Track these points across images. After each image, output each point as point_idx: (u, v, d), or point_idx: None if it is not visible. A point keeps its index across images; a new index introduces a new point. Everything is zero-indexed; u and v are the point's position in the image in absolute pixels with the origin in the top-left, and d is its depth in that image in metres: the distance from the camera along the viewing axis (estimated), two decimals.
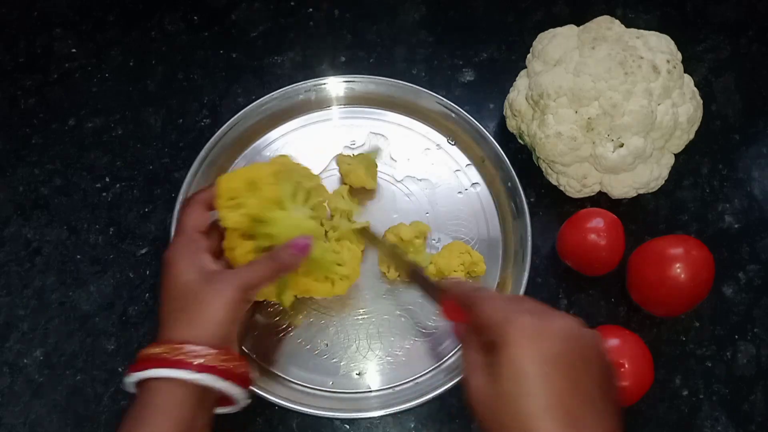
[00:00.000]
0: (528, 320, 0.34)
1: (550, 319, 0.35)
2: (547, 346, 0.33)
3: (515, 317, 0.35)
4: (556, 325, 0.34)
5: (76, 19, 0.72)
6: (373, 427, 0.54)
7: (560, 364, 0.33)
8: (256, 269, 0.45)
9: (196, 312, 0.43)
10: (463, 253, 0.56)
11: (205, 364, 0.41)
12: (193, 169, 0.60)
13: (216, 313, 0.43)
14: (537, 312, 0.35)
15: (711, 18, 0.74)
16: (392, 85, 0.65)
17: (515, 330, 0.34)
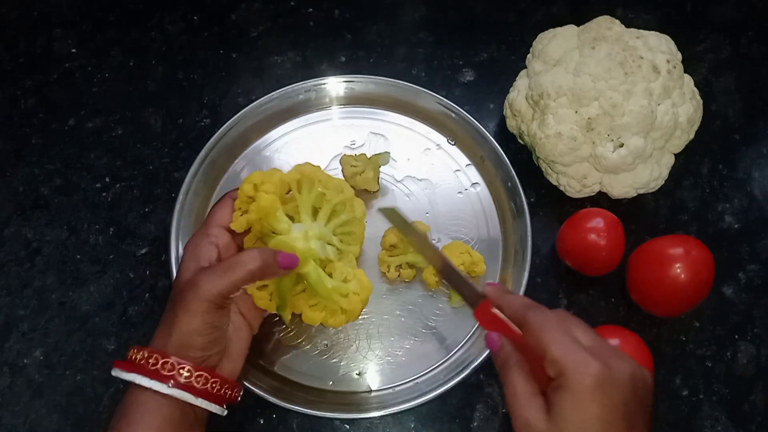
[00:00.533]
0: (597, 368, 0.34)
1: (616, 366, 0.35)
2: (613, 396, 0.34)
3: (584, 362, 0.34)
4: (622, 374, 0.35)
5: (76, 19, 0.72)
6: (373, 427, 0.54)
7: (622, 413, 0.34)
8: (229, 274, 0.43)
9: (175, 318, 0.42)
10: (463, 253, 0.56)
11: (181, 382, 0.41)
12: (193, 169, 0.60)
13: (189, 322, 0.42)
14: (603, 357, 0.35)
15: (711, 18, 0.74)
16: (392, 85, 0.65)
17: (584, 376, 0.34)
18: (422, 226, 0.57)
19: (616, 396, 0.34)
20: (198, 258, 0.45)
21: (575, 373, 0.34)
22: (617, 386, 0.34)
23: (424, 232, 0.51)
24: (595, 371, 0.34)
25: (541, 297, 0.59)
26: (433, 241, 0.60)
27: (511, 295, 0.42)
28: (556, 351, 0.36)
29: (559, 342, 0.36)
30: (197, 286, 0.42)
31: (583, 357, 0.35)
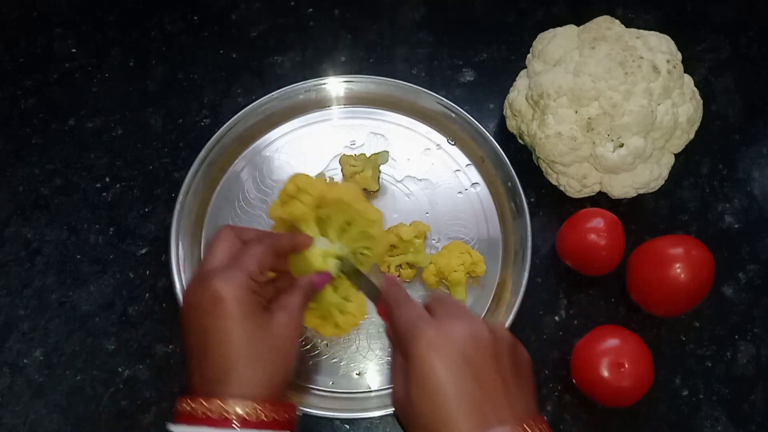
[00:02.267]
0: (431, 332, 0.37)
1: (451, 327, 0.38)
2: (449, 353, 0.36)
3: (419, 331, 0.37)
4: (456, 333, 0.37)
5: (76, 19, 0.72)
6: (373, 427, 0.54)
7: (463, 366, 0.36)
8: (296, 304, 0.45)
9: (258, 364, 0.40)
10: (463, 253, 0.56)
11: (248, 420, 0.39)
12: (193, 169, 0.60)
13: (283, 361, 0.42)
14: (441, 321, 0.38)
15: (711, 18, 0.74)
16: (392, 85, 0.65)
17: (419, 342, 0.37)
18: (422, 226, 0.57)
19: (452, 353, 0.36)
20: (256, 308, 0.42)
21: (412, 342, 0.37)
22: (451, 344, 0.37)
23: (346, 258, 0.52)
24: (426, 334, 0.37)
25: (541, 297, 0.59)
26: (433, 240, 0.60)
27: (393, 287, 0.44)
28: (402, 326, 0.39)
29: (405, 319, 0.39)
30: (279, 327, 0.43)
31: (419, 326, 0.38)
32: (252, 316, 0.41)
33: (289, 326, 0.43)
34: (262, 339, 0.41)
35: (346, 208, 0.50)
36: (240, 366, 0.40)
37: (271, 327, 0.42)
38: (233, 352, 0.40)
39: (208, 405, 0.39)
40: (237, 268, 0.42)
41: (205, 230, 0.60)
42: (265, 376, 0.41)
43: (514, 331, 0.55)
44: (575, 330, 0.57)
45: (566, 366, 0.55)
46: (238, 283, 0.41)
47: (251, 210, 0.61)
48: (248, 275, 0.42)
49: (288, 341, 0.43)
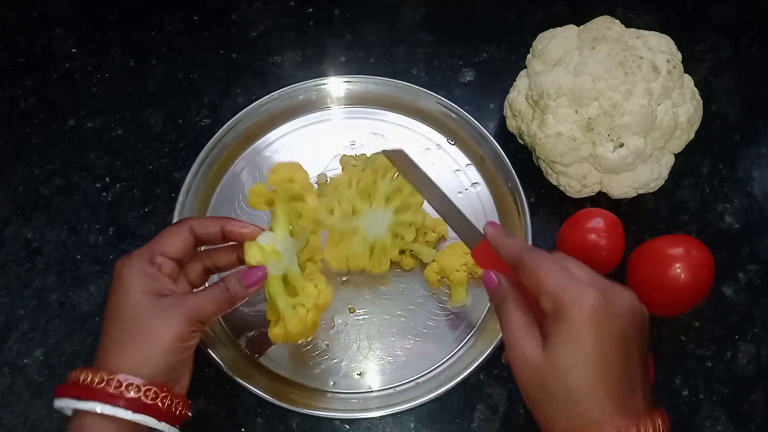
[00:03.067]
0: (593, 297, 0.34)
1: (613, 297, 0.35)
2: (611, 325, 0.34)
3: (580, 292, 0.35)
4: (620, 305, 0.35)
5: (76, 19, 0.72)
6: (373, 427, 0.54)
7: (620, 345, 0.34)
8: (208, 299, 0.44)
9: (139, 339, 0.41)
10: (466, 253, 0.56)
11: (129, 398, 0.39)
12: (193, 169, 0.60)
13: (162, 345, 0.41)
14: (600, 287, 0.35)
15: (711, 18, 0.74)
16: (392, 85, 0.65)
17: (580, 306, 0.34)
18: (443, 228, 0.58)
19: (614, 325, 0.34)
20: (155, 287, 0.43)
21: (571, 304, 0.34)
22: (614, 316, 0.34)
23: (426, 174, 0.50)
24: (591, 301, 0.34)
25: None
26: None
27: (510, 238, 0.42)
28: (551, 284, 0.36)
29: (554, 277, 0.36)
30: (175, 309, 0.42)
31: (579, 288, 0.35)
32: (141, 295, 0.42)
33: (175, 314, 0.42)
34: (145, 321, 0.41)
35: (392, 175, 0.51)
36: (119, 343, 0.41)
37: (158, 310, 0.42)
38: (113, 327, 0.42)
39: (92, 376, 0.40)
40: (142, 248, 0.45)
41: None
42: (143, 359, 0.41)
43: None
44: None
45: None
46: (134, 262, 0.43)
47: (251, 210, 0.61)
48: (147, 256, 0.44)
49: (168, 329, 0.41)
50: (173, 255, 0.45)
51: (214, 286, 0.45)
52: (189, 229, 0.46)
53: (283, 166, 0.47)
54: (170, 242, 0.45)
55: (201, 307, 0.43)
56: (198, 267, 0.49)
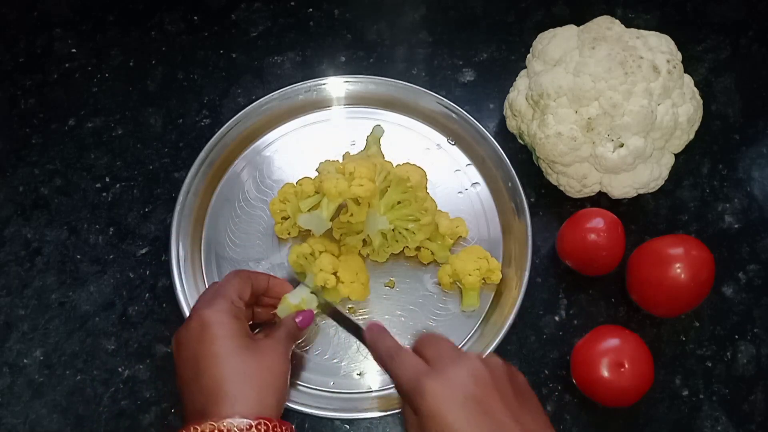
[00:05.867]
0: (436, 386, 0.38)
1: (452, 374, 0.38)
2: (457, 400, 0.37)
3: (424, 386, 0.38)
4: (458, 378, 0.38)
5: (76, 19, 0.72)
6: (373, 427, 0.54)
7: (473, 408, 0.37)
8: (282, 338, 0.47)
9: (261, 379, 0.42)
10: (481, 258, 0.55)
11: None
12: (193, 169, 0.60)
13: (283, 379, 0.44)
14: (440, 370, 0.39)
15: (711, 18, 0.74)
16: (392, 85, 0.65)
17: (427, 399, 0.37)
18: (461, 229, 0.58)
19: (457, 398, 0.37)
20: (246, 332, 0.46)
21: (418, 399, 0.38)
22: (453, 389, 0.37)
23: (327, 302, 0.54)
24: (429, 388, 0.37)
25: (541, 297, 0.59)
26: None
27: (381, 341, 0.44)
28: (405, 385, 0.39)
29: (404, 378, 0.40)
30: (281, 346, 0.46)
31: (421, 381, 0.38)
32: (238, 338, 0.44)
33: (275, 350, 0.45)
34: (251, 359, 0.43)
35: (406, 188, 0.53)
36: (230, 384, 0.41)
37: (259, 348, 0.44)
38: (223, 370, 0.42)
39: (201, 428, 0.39)
40: (219, 296, 0.46)
41: (205, 230, 0.60)
42: (257, 394, 0.41)
43: (514, 331, 0.55)
44: (575, 330, 0.57)
45: (566, 366, 0.55)
46: (221, 308, 0.45)
47: (251, 210, 0.61)
48: (230, 301, 0.46)
49: (276, 363, 0.44)
50: (246, 299, 0.48)
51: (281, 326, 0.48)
52: (248, 278, 0.49)
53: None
54: (242, 287, 0.48)
55: (288, 344, 0.47)
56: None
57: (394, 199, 0.53)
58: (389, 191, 0.54)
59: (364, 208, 0.53)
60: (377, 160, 0.56)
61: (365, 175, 0.51)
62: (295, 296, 0.52)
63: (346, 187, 0.51)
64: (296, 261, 0.55)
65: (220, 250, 0.59)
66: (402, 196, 0.53)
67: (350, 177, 0.51)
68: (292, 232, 0.58)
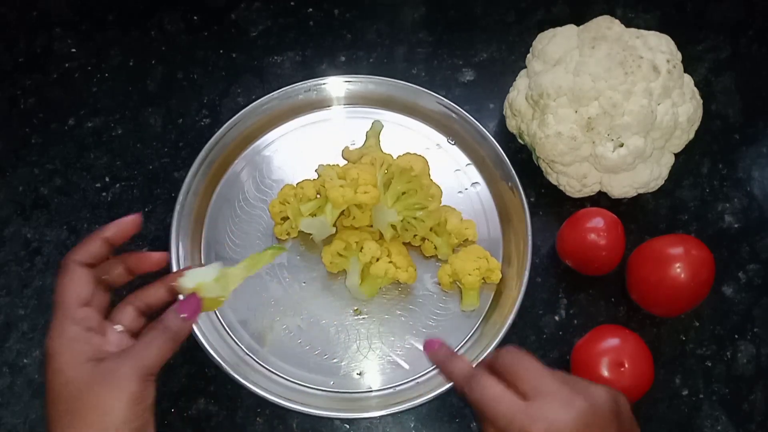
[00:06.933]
0: (540, 427, 0.34)
1: (561, 418, 0.34)
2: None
3: (529, 429, 0.34)
4: (568, 422, 0.34)
5: (76, 19, 0.72)
6: (373, 427, 0.54)
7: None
8: (150, 345, 0.38)
9: (91, 418, 0.36)
10: (481, 258, 0.55)
11: None
12: (193, 169, 0.60)
13: (118, 415, 0.36)
14: (547, 412, 0.35)
15: (711, 18, 0.74)
16: (392, 85, 0.65)
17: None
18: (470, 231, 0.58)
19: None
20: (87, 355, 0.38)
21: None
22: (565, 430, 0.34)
23: None
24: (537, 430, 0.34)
25: (541, 297, 0.59)
26: None
27: (453, 361, 0.41)
28: (500, 424, 0.35)
29: (500, 414, 0.35)
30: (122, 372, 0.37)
31: (525, 421, 0.34)
32: (75, 367, 0.37)
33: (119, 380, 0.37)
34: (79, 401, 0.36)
35: (410, 178, 0.53)
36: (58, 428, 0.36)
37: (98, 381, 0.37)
38: (53, 412, 0.37)
39: None
40: (56, 316, 0.39)
41: (205, 230, 0.60)
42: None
43: (514, 331, 0.55)
44: (575, 330, 0.57)
45: (566, 366, 0.55)
46: (57, 333, 0.38)
47: (251, 210, 0.61)
48: (68, 319, 0.38)
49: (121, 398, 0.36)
50: (88, 300, 0.40)
51: (151, 329, 0.39)
52: (84, 274, 0.40)
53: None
54: (79, 289, 0.40)
55: (146, 358, 0.38)
56: (129, 310, 0.43)
57: (399, 190, 0.54)
58: (393, 183, 0.54)
59: (368, 213, 0.54)
60: (376, 154, 0.57)
61: (369, 181, 0.52)
62: (191, 277, 0.42)
63: (352, 195, 0.51)
64: (334, 262, 0.56)
65: (220, 250, 0.59)
66: (406, 186, 0.53)
67: (354, 183, 0.52)
68: (291, 233, 0.58)
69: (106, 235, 0.42)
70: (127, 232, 0.43)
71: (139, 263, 0.44)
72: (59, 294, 0.39)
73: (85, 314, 0.39)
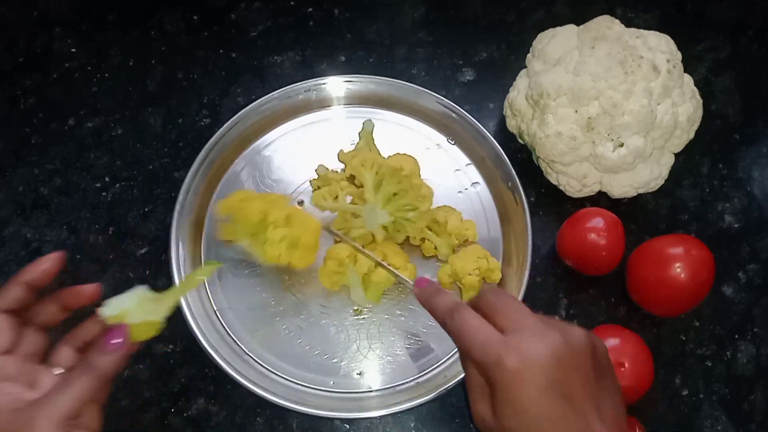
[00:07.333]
0: (513, 360, 0.34)
1: (532, 351, 0.35)
2: (537, 379, 0.34)
3: (500, 358, 0.35)
4: (539, 356, 0.35)
5: (76, 19, 0.72)
6: (373, 427, 0.54)
7: (553, 392, 0.34)
8: (71, 389, 0.35)
9: None
10: (480, 257, 0.55)
11: None
12: (193, 169, 0.60)
13: None
14: (519, 339, 0.36)
15: (711, 18, 0.74)
16: (392, 85, 0.65)
17: (504, 373, 0.34)
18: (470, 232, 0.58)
19: (540, 379, 0.34)
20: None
21: (495, 373, 0.35)
22: (537, 369, 0.34)
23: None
24: (511, 364, 0.34)
25: (541, 297, 0.59)
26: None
27: (438, 296, 0.42)
28: (475, 355, 0.36)
29: (476, 346, 0.36)
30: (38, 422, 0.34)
31: (499, 352, 0.35)
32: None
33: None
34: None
35: (401, 178, 0.53)
36: None
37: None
38: None
39: None
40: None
41: (205, 230, 0.60)
42: None
43: None
44: None
45: None
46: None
47: None
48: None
49: None
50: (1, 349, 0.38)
51: (71, 372, 0.37)
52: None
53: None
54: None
55: (63, 403, 0.35)
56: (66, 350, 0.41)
57: (390, 191, 0.54)
58: (384, 184, 0.54)
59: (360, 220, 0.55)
60: (366, 155, 0.57)
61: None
62: (113, 305, 0.40)
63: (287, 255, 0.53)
64: (333, 281, 0.56)
65: (220, 250, 0.59)
66: (397, 186, 0.54)
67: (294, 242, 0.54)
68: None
69: (25, 279, 0.40)
70: (48, 273, 0.41)
71: (72, 299, 0.42)
72: None
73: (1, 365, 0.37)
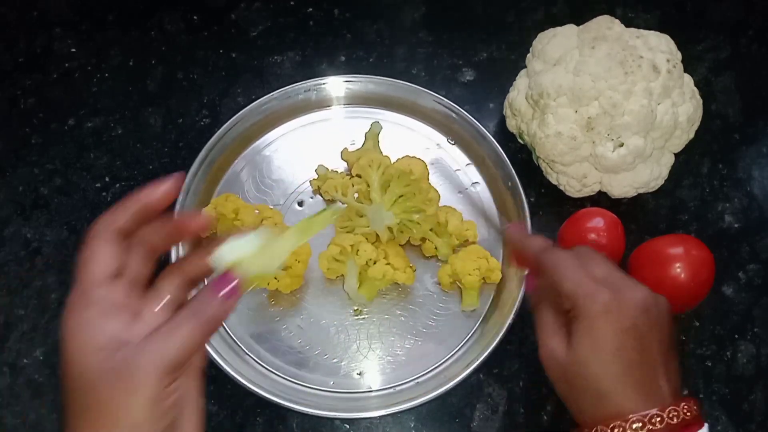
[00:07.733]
0: (606, 296, 0.37)
1: (625, 293, 0.38)
2: (623, 320, 0.37)
3: (592, 291, 0.38)
4: (631, 300, 0.38)
5: (76, 19, 0.72)
6: (373, 427, 0.54)
7: (633, 336, 0.37)
8: (178, 334, 0.31)
9: (105, 417, 0.30)
10: (481, 258, 0.55)
11: None
12: (193, 169, 0.60)
13: (136, 416, 0.30)
14: (613, 285, 0.38)
15: (711, 18, 0.74)
16: (392, 85, 0.65)
17: (593, 305, 0.37)
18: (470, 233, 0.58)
19: (625, 320, 0.37)
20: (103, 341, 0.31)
21: (585, 303, 0.37)
22: (626, 311, 0.37)
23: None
24: (602, 299, 0.37)
25: None
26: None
27: (529, 239, 0.44)
28: (567, 286, 0.39)
29: (569, 278, 0.39)
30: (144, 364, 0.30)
31: (592, 288, 0.38)
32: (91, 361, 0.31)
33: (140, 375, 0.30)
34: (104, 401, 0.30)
35: (409, 181, 0.53)
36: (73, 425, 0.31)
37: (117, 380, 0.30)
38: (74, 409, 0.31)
39: None
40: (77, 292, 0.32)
41: None
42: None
43: (514, 331, 0.55)
44: None
45: None
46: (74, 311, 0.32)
47: None
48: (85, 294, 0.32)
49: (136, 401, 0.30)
50: (107, 275, 0.32)
51: (178, 316, 0.32)
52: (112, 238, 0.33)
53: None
54: (97, 261, 0.33)
55: (168, 349, 0.31)
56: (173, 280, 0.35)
57: (396, 193, 0.54)
58: (392, 186, 0.54)
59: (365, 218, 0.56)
60: (374, 155, 0.57)
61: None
62: (228, 250, 0.34)
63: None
64: (331, 268, 0.56)
65: None
66: (405, 189, 0.54)
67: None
68: None
69: (142, 201, 0.34)
70: (167, 196, 0.35)
71: (182, 227, 0.36)
72: (78, 269, 0.33)
73: (105, 294, 0.32)
